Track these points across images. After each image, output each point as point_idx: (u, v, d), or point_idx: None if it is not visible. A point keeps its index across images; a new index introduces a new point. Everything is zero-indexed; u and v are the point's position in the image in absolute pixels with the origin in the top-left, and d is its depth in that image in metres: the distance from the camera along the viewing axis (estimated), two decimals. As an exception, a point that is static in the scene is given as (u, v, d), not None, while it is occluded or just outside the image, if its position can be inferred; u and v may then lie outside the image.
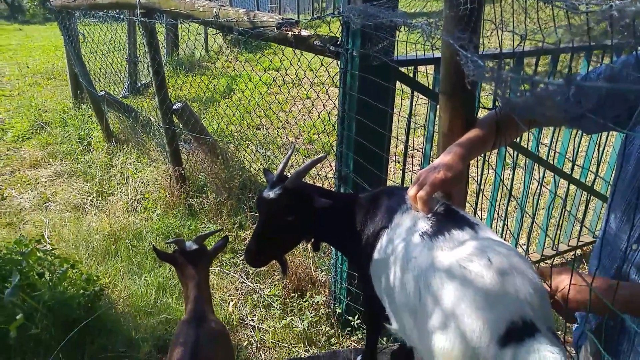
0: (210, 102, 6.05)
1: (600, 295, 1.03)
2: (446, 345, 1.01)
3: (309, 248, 3.13)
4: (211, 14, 3.02)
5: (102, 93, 4.88)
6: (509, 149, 2.69)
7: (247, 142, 4.57)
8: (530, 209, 3.32)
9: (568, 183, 3.07)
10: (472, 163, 1.46)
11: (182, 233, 3.68)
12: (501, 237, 1.29)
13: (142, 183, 4.31)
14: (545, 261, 3.32)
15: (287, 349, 2.74)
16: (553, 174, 3.03)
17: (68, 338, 2.49)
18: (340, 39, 2.23)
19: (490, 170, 3.11)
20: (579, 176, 3.21)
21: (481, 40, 1.35)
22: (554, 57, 2.63)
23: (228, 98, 6.28)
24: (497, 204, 2.88)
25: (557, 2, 0.85)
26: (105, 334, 2.67)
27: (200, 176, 4.22)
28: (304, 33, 2.32)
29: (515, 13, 1.04)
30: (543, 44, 0.93)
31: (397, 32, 1.98)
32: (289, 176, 1.55)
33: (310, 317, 2.84)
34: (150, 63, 3.84)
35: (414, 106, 2.35)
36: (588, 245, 3.55)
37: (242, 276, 3.32)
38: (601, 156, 3.02)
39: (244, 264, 3.38)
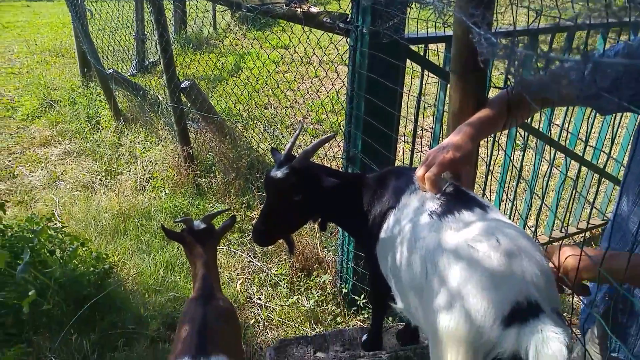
0: (218, 81, 6.02)
1: (593, 260, 1.02)
2: (450, 325, 1.02)
3: (316, 228, 3.13)
4: (219, -9, 2.98)
5: (110, 71, 4.87)
6: (519, 130, 2.65)
7: (255, 122, 4.55)
8: (540, 190, 3.29)
9: (579, 165, 3.03)
10: (482, 144, 1.43)
11: (190, 212, 3.70)
12: (509, 219, 1.27)
13: (151, 162, 4.32)
14: (553, 243, 3.30)
15: (294, 327, 2.76)
16: (564, 156, 2.99)
17: (79, 314, 2.54)
18: (350, 16, 2.19)
19: (500, 151, 3.07)
20: (590, 158, 3.17)
21: (495, 17, 1.31)
22: (569, 35, 2.57)
23: (236, 76, 6.25)
24: (506, 186, 2.85)
25: (575, -24, 0.82)
26: (115, 310, 2.71)
27: (208, 156, 4.22)
28: (314, 10, 2.28)
29: (531, -12, 1.01)
30: (559, 20, 0.90)
31: (408, 9, 1.94)
32: (296, 156, 1.54)
33: (317, 296, 2.87)
34: (158, 40, 3.81)
35: (423, 85, 2.31)
36: (597, 228, 3.52)
37: (250, 255, 3.34)
38: (614, 137, 2.97)
39: (251, 243, 3.40)
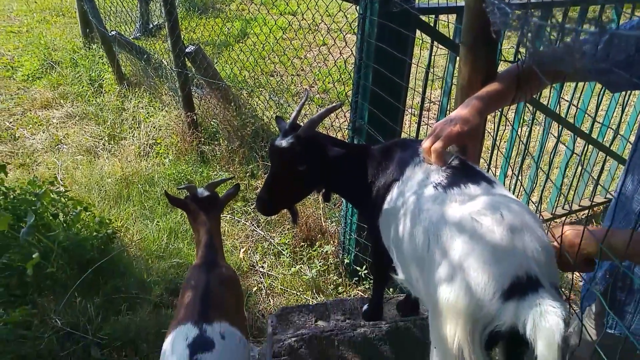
0: (223, 46, 5.92)
1: (593, 235, 1.02)
2: (450, 297, 1.03)
3: (320, 199, 3.14)
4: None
5: (113, 33, 4.78)
6: (527, 106, 2.61)
7: (261, 89, 4.50)
8: (545, 167, 3.27)
9: (585, 142, 3.01)
10: (489, 118, 1.41)
11: (194, 180, 3.70)
12: (513, 195, 1.27)
13: (154, 128, 4.29)
14: (556, 220, 3.30)
15: (296, 296, 2.80)
16: (571, 133, 2.96)
17: (83, 278, 2.57)
18: (359, -17, 2.13)
19: (506, 126, 3.04)
20: (596, 136, 3.14)
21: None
22: (582, 9, 2.51)
23: (242, 42, 6.14)
24: (512, 161, 2.83)
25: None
26: (118, 275, 2.74)
27: (212, 123, 4.19)
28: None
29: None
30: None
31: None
32: (301, 125, 1.52)
33: (319, 266, 2.89)
34: (162, 3, 3.73)
35: (432, 57, 2.27)
36: (599, 206, 3.52)
37: (253, 224, 3.35)
38: (622, 115, 2.93)
39: (255, 212, 3.41)
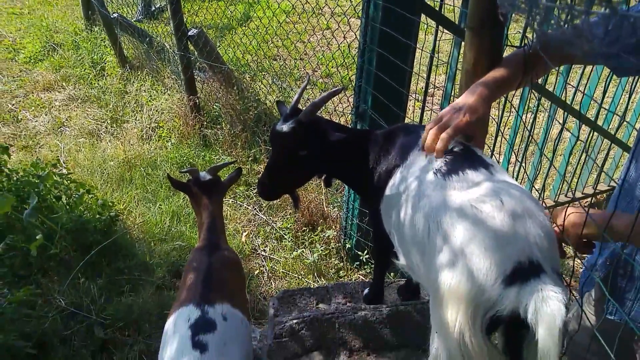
0: (226, 30, 5.87)
1: (594, 217, 1.02)
2: (452, 282, 1.03)
3: (322, 184, 3.14)
4: None
5: (115, 15, 4.74)
6: (533, 92, 2.59)
7: (263, 73, 4.47)
8: (549, 154, 3.26)
9: (590, 130, 2.99)
10: (493, 105, 1.40)
11: (197, 163, 3.70)
12: (517, 181, 1.26)
13: (157, 111, 4.28)
14: (558, 208, 3.29)
15: (297, 279, 2.82)
16: (575, 120, 2.94)
17: (86, 259, 2.59)
18: (364, -35, 2.11)
19: (511, 112, 3.02)
20: (602, 123, 3.12)
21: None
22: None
23: (245, 26, 6.08)
24: (515, 148, 2.82)
25: None
26: (121, 257, 2.76)
27: (214, 106, 4.18)
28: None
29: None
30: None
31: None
32: (303, 109, 1.51)
33: (321, 250, 2.91)
34: (164, -15, 3.70)
35: (437, 42, 2.24)
36: (603, 194, 3.51)
37: (255, 208, 3.36)
38: (628, 103, 2.91)
39: (257, 197, 3.42)
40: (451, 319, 1.04)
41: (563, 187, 3.36)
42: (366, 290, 2.01)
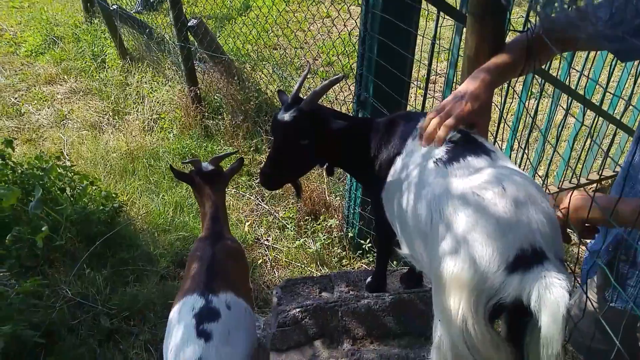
0: (226, 20, 5.84)
1: (597, 204, 1.02)
2: (455, 270, 1.03)
3: (324, 173, 3.13)
4: None
5: (115, 7, 4.72)
6: (536, 77, 2.57)
7: (264, 63, 4.45)
8: (552, 140, 3.24)
9: (595, 115, 2.96)
10: (495, 91, 1.39)
11: (199, 154, 3.71)
12: (520, 168, 1.26)
13: (158, 103, 4.28)
14: (562, 192, 3.28)
15: (300, 268, 2.83)
16: (580, 106, 2.91)
17: (91, 250, 2.61)
18: (364, -49, 2.08)
19: (514, 98, 3.00)
20: (607, 108, 3.09)
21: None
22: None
23: (244, 15, 6.05)
24: (518, 134, 2.80)
25: None
26: (126, 248, 2.78)
27: (216, 97, 4.17)
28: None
29: None
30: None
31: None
32: (304, 98, 1.50)
33: (323, 239, 2.91)
34: (163, -25, 3.67)
35: (439, 28, 2.22)
36: (607, 180, 3.49)
37: (258, 198, 3.37)
38: (634, 87, 2.88)
39: (259, 187, 3.42)
40: (454, 306, 1.03)
41: (567, 174, 3.34)
42: (369, 279, 2.02)
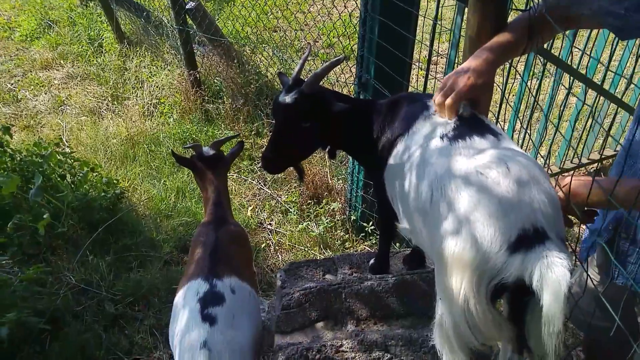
0: (224, 2, 5.76)
1: (600, 184, 1.02)
2: (457, 250, 1.03)
3: (326, 156, 3.13)
4: None
5: (111, -10, 4.66)
6: (538, 57, 2.54)
7: (264, 45, 4.40)
8: (554, 120, 3.22)
9: (596, 95, 2.94)
10: (497, 71, 1.37)
11: (199, 139, 3.69)
12: (522, 148, 1.25)
13: (158, 87, 4.25)
14: (563, 174, 3.28)
15: (303, 251, 2.84)
16: (581, 85, 2.89)
17: (93, 237, 2.62)
18: None
19: (516, 78, 2.98)
20: (608, 87, 3.07)
21: None
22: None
23: (243, -3, 5.97)
24: (520, 115, 2.79)
25: None
26: (128, 234, 2.79)
27: (215, 81, 4.13)
28: None
29: None
30: None
31: None
32: (305, 80, 1.49)
33: (326, 223, 2.92)
34: (159, -43, 3.62)
35: (440, 8, 2.19)
36: (608, 159, 3.49)
37: (260, 183, 3.37)
38: (635, 66, 2.85)
39: (261, 171, 3.41)
40: (456, 286, 1.04)
41: (569, 154, 3.33)
42: (372, 261, 2.03)
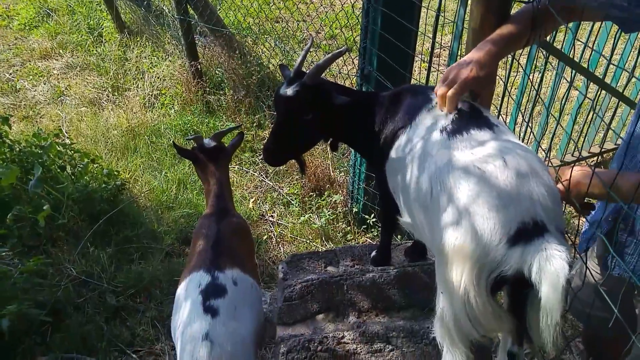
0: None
1: (599, 177, 1.02)
2: (457, 243, 1.04)
3: (327, 148, 3.12)
4: None
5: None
6: (541, 50, 2.53)
7: (266, 36, 4.38)
8: (556, 113, 3.22)
9: (598, 88, 2.94)
10: (499, 64, 1.37)
11: (201, 130, 3.68)
12: (523, 142, 1.25)
13: (158, 78, 4.22)
14: (564, 167, 3.27)
15: (305, 243, 2.85)
16: (583, 79, 2.88)
17: (94, 229, 2.62)
18: None
19: (518, 71, 2.97)
20: (610, 81, 3.06)
21: None
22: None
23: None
24: (522, 108, 2.78)
25: None
26: (129, 226, 2.79)
27: (217, 72, 4.11)
28: None
29: None
30: None
31: None
32: (307, 72, 1.48)
33: (328, 215, 2.92)
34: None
35: (443, 0, 2.18)
36: (609, 152, 3.49)
37: (262, 175, 3.36)
38: (637, 59, 2.85)
39: (263, 163, 3.41)
40: (456, 279, 1.05)
41: (570, 147, 3.33)
42: (374, 253, 2.03)
